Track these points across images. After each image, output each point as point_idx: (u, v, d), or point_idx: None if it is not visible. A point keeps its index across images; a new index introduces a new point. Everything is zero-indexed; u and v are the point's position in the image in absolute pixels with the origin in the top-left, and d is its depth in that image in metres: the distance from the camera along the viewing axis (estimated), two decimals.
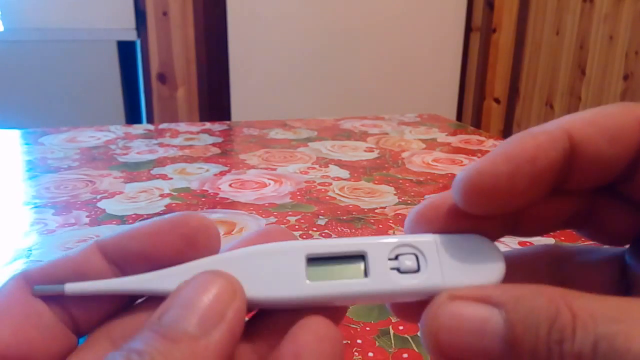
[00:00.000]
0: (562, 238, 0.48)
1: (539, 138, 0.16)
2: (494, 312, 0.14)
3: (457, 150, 0.83)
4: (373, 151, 0.81)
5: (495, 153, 0.16)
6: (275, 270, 0.17)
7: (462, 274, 0.17)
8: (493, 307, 0.14)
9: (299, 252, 0.17)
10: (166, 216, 0.17)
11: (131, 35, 1.93)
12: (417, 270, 0.17)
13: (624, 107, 0.16)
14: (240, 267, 0.17)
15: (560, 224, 0.18)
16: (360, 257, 0.18)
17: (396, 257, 0.18)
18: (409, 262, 0.17)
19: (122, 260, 0.18)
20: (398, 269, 0.17)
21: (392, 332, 0.36)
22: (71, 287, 0.17)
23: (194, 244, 0.17)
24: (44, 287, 0.17)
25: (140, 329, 0.15)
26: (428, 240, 0.18)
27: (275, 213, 0.56)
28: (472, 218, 0.17)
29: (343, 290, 0.17)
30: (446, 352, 0.15)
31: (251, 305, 0.17)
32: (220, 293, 0.15)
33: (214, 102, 2.09)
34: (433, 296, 0.16)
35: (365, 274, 0.17)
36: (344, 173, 0.70)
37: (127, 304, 0.18)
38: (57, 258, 0.17)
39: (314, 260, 0.17)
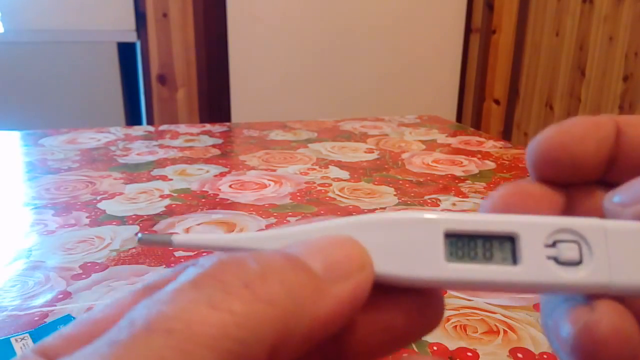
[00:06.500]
0: None
1: (593, 117, 0.17)
2: None
3: (457, 152, 0.83)
4: (373, 152, 0.81)
5: (563, 123, 0.17)
6: (408, 244, 0.15)
7: (631, 271, 0.15)
8: None
9: (436, 227, 0.15)
10: None
11: (131, 37, 1.93)
12: (580, 261, 0.15)
13: None
14: (369, 236, 0.15)
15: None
16: (509, 239, 0.15)
17: (554, 244, 0.15)
18: (570, 252, 0.15)
19: None
20: (555, 259, 0.15)
21: None
22: (179, 239, 0.15)
23: None
24: (150, 236, 0.15)
25: None
26: (596, 226, 0.15)
27: (275, 214, 0.56)
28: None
29: (487, 278, 0.15)
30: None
31: (377, 281, 0.15)
32: (349, 256, 0.14)
33: (214, 104, 2.09)
34: (593, 294, 0.15)
35: (515, 260, 0.15)
36: (344, 174, 0.70)
37: None
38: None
39: (453, 237, 0.15)
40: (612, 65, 1.81)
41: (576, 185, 0.18)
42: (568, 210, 0.17)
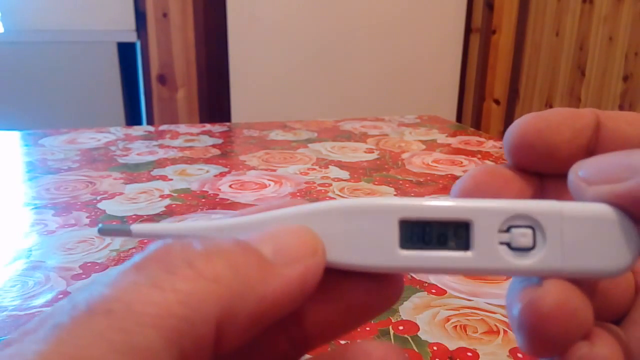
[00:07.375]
0: None
1: (574, 108, 0.17)
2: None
3: (457, 152, 0.83)
4: (373, 152, 0.81)
5: (543, 111, 0.17)
6: (363, 232, 0.15)
7: (584, 256, 0.15)
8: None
9: (391, 214, 0.15)
10: None
11: (131, 37, 1.94)
12: (532, 247, 0.15)
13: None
14: (325, 224, 0.15)
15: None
16: (464, 224, 0.15)
17: (508, 229, 0.15)
18: (523, 238, 0.15)
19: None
20: (508, 245, 0.15)
21: (392, 332, 0.36)
22: (138, 229, 0.15)
23: None
24: (110, 226, 0.16)
25: None
26: (551, 210, 0.15)
27: None
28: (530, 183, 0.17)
29: (440, 264, 0.15)
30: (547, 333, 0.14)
31: (332, 268, 0.15)
32: (301, 243, 0.14)
33: (214, 104, 2.09)
34: (545, 276, 0.15)
35: (468, 245, 0.15)
36: (344, 174, 0.70)
37: None
38: None
39: (408, 224, 0.15)
40: (612, 65, 1.81)
41: (552, 177, 0.17)
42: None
